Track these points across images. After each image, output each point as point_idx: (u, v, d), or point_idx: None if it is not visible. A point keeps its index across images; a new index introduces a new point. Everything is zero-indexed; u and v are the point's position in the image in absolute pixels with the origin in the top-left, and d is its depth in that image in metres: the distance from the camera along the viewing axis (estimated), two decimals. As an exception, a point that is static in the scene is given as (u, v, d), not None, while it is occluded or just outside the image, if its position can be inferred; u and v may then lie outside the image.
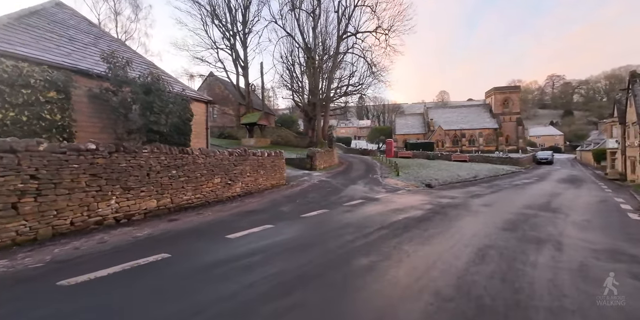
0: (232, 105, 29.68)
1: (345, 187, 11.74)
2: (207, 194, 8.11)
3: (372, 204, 8.11)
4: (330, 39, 23.58)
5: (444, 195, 10.03)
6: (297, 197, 9.31)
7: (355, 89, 26.14)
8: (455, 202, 8.42)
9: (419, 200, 8.86)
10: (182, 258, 3.73)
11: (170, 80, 8.79)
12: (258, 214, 6.65)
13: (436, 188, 13.14)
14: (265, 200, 8.70)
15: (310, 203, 8.18)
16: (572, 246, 4.51)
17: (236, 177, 9.34)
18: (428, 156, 33.74)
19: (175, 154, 7.24)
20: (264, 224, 5.46)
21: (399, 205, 7.76)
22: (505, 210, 7.30)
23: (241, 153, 9.83)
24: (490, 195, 10.29)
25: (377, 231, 5.10)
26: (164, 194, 6.83)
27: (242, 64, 23.10)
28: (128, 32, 41.42)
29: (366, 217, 6.39)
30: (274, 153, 11.75)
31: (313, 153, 16.95)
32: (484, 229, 5.40)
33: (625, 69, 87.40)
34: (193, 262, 3.61)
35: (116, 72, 6.39)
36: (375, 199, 8.92)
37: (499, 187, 13.24)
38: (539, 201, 9.06)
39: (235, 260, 3.67)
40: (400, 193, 10.52)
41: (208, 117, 10.40)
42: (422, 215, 6.47)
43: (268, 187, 11.17)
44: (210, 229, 5.27)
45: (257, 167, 10.58)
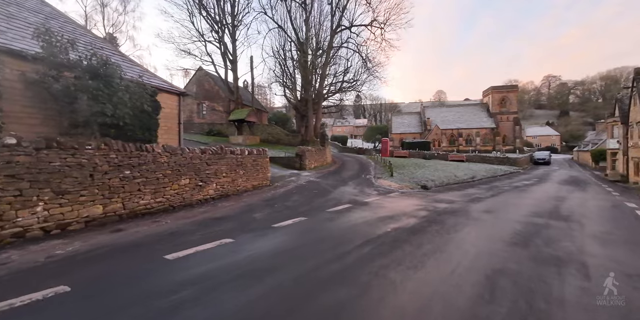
0: (223, 101, 28.51)
1: (334, 188, 10.77)
2: (172, 197, 7.09)
3: (360, 209, 7.15)
4: (323, 32, 22.58)
5: (440, 198, 9.11)
6: (277, 200, 8.32)
7: (350, 85, 25.15)
8: (453, 208, 7.49)
9: (413, 205, 7.92)
10: (82, 295, 2.72)
11: (126, 65, 7.71)
12: (223, 223, 5.65)
13: (432, 190, 12.24)
14: (240, 205, 7.70)
15: (289, 208, 7.19)
16: (600, 269, 3.59)
17: (209, 177, 8.32)
18: (424, 156, 32.94)
19: (130, 152, 6.20)
20: (222, 238, 4.47)
21: (389, 212, 6.81)
22: (511, 218, 6.38)
23: (216, 151, 8.81)
24: (491, 199, 9.39)
25: (359, 248, 4.13)
26: (114, 199, 5.80)
27: (230, 57, 21.94)
28: (116, 25, 40.04)
29: (350, 227, 5.42)
30: (255, 151, 10.74)
31: (302, 151, 15.95)
32: (489, 245, 4.46)
33: (620, 70, 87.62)
34: (93, 303, 2.60)
35: (51, 52, 5.32)
36: (365, 203, 7.97)
37: (499, 189, 12.37)
38: (546, 206, 8.17)
39: (159, 297, 2.68)
40: (393, 196, 9.58)
41: (181, 110, 9.35)
42: (416, 226, 5.52)
43: (249, 188, 10.16)
44: (152, 245, 4.25)
45: (236, 166, 9.57)
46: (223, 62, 22.34)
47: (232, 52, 21.83)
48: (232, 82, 23.17)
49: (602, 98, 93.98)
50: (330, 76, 25.82)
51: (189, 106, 30.66)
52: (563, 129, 75.63)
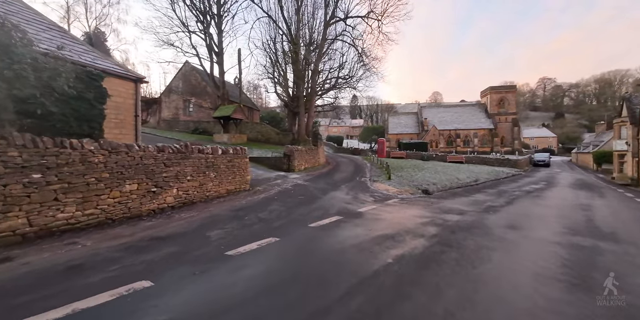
0: (210, 97, 26.82)
1: (323, 194, 9.27)
2: (110, 208, 5.51)
3: (352, 223, 5.65)
4: (316, 24, 21.10)
5: (448, 207, 7.67)
6: (252, 209, 6.79)
7: (345, 81, 23.68)
8: (467, 221, 6.04)
9: (417, 216, 6.46)
10: None
11: (67, 43, 6.14)
12: (162, 246, 4.11)
13: (435, 195, 10.82)
14: (202, 216, 6.15)
15: (262, 221, 5.67)
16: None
17: (168, 182, 6.76)
18: (422, 157, 31.66)
19: (44, 149, 4.64)
20: (138, 279, 2.93)
21: (389, 228, 5.33)
22: (545, 238, 4.95)
23: (179, 149, 7.25)
24: (506, 207, 7.98)
25: (345, 301, 2.63)
26: (11, 213, 4.22)
27: (216, 49, 20.29)
28: (100, 17, 38.12)
29: (335, 255, 3.92)
30: (232, 150, 9.19)
31: (291, 151, 14.41)
32: (539, 288, 3.00)
33: (614, 73, 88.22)
34: None
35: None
36: (358, 215, 6.48)
37: (510, 195, 10.99)
38: (576, 219, 6.77)
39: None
40: (392, 204, 8.11)
41: (138, 100, 7.76)
42: (426, 252, 4.04)
43: (222, 194, 8.61)
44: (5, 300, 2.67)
45: (205, 167, 8.02)
46: (208, 54, 20.70)
47: (217, 43, 20.20)
48: (218, 77, 21.53)
49: (597, 101, 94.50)
50: (324, 72, 24.37)
51: (175, 103, 28.97)
52: (559, 130, 75.33)
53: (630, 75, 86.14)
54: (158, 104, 29.66)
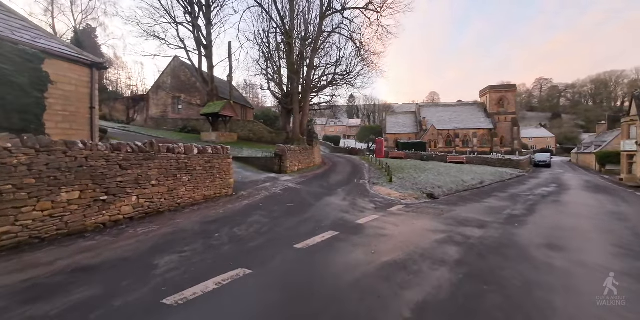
0: (200, 94, 25.45)
1: (317, 200, 8.07)
2: (38, 224, 4.25)
3: (349, 242, 4.44)
4: (312, 15, 19.86)
5: (463, 217, 6.50)
6: (227, 222, 5.55)
7: (342, 77, 22.47)
8: (493, 238, 4.87)
9: (430, 230, 5.27)
10: None
11: None
12: (76, 288, 2.86)
13: (442, 200, 9.68)
14: (161, 232, 4.90)
15: (233, 242, 4.44)
16: None
17: (124, 188, 5.50)
18: (422, 157, 30.60)
19: None
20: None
21: (397, 250, 4.13)
22: (604, 265, 3.78)
23: (141, 148, 5.99)
24: (531, 217, 6.82)
25: None
26: None
27: (204, 42, 18.95)
28: (86, 11, 36.51)
29: (325, 302, 2.70)
30: (211, 149, 7.93)
31: (282, 151, 13.16)
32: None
33: (610, 74, 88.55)
34: None
35: None
36: (357, 228, 5.28)
37: (525, 199, 9.87)
38: (620, 232, 5.64)
39: None
40: (396, 212, 6.92)
41: (95, 89, 6.46)
42: (456, 294, 2.85)
43: (198, 200, 7.36)
44: None
45: (177, 170, 6.76)
46: (196, 47, 19.36)
47: (206, 35, 18.86)
48: (207, 71, 20.19)
49: (593, 101, 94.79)
50: (320, 68, 23.10)
51: (163, 100, 27.54)
52: (557, 131, 75.02)
53: (626, 75, 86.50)
54: (146, 101, 28.23)
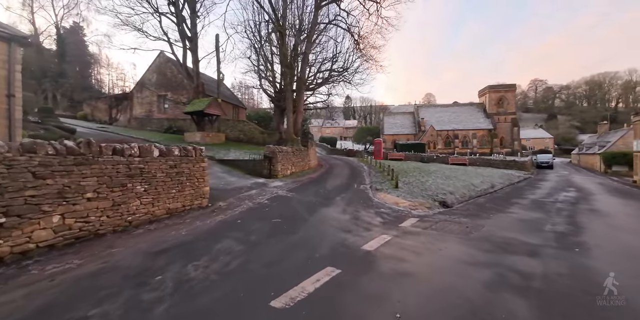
0: (188, 93, 23.76)
1: (311, 213, 6.53)
2: None
3: (357, 293, 2.93)
4: (306, 4, 18.40)
5: (499, 237, 5.01)
6: (183, 252, 3.98)
7: (339, 73, 21.04)
8: (561, 276, 3.40)
9: (468, 264, 3.77)
10: None
11: None
12: None
13: (458, 209, 8.24)
14: (78, 273, 3.32)
15: (180, 293, 2.88)
16: None
17: (38, 204, 3.92)
18: (422, 158, 29.23)
19: None
20: None
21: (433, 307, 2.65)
22: None
23: (70, 149, 4.40)
24: (584, 237, 5.36)
25: None
26: None
27: (189, 33, 17.36)
28: (68, 5, 34.65)
29: None
30: (178, 151, 6.34)
31: (273, 152, 11.60)
32: None
33: (603, 76, 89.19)
34: None
35: None
36: (364, 262, 3.76)
37: (556, 208, 8.45)
38: None
39: None
40: (412, 229, 5.41)
41: (15, 70, 4.87)
42: None
43: (158, 216, 5.77)
44: None
45: (127, 177, 5.18)
46: (181, 40, 17.75)
47: (190, 27, 17.28)
48: (192, 66, 18.57)
49: (587, 102, 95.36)
50: (316, 64, 21.65)
51: (148, 98, 25.77)
52: (554, 131, 74.76)
53: (620, 77, 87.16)
54: (129, 99, 26.44)
